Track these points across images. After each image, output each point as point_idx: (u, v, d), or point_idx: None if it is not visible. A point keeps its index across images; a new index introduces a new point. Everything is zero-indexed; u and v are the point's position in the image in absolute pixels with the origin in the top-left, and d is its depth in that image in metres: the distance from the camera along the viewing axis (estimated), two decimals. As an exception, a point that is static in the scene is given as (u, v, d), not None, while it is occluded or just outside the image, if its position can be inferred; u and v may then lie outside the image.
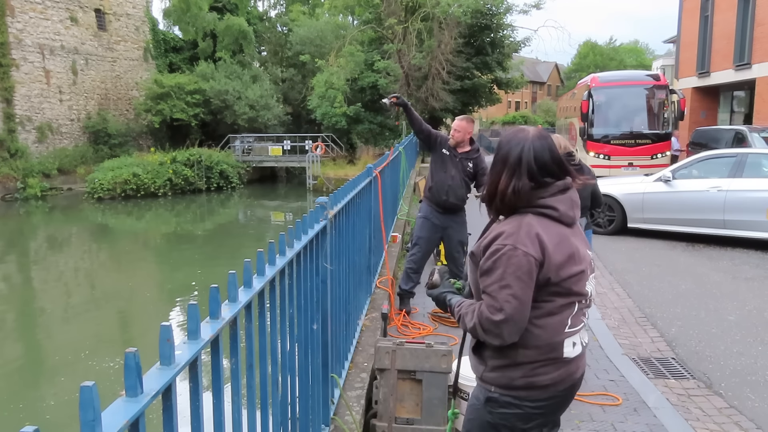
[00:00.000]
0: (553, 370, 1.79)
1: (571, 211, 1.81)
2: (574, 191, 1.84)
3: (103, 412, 0.94)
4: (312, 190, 25.04)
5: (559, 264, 1.74)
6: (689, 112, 19.36)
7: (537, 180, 1.78)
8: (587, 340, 1.91)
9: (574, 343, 1.82)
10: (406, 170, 11.95)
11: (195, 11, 30.05)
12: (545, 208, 1.77)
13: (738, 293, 6.47)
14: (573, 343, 1.81)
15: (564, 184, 1.83)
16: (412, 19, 23.24)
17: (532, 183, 1.78)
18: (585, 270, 1.81)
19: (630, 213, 9.60)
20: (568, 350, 1.80)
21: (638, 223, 9.56)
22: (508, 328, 1.73)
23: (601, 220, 9.66)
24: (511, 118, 57.21)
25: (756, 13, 17.30)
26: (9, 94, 23.87)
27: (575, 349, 1.82)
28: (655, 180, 9.43)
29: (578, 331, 1.82)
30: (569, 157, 4.47)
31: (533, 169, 1.78)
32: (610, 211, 9.73)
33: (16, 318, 10.33)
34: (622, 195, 9.65)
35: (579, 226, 1.88)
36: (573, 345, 1.82)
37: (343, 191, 3.40)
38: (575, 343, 1.82)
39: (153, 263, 15.06)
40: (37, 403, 6.60)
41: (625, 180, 10.29)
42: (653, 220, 9.41)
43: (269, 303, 1.97)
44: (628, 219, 9.64)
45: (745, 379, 4.36)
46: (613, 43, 67.22)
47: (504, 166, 1.83)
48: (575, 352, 1.82)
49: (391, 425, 3.21)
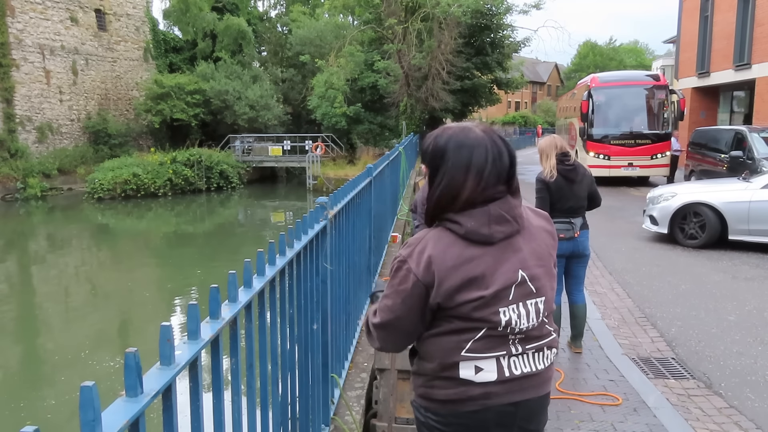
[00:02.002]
0: (448, 386, 1.62)
1: (485, 228, 1.55)
2: (503, 202, 1.58)
3: (103, 412, 0.94)
4: (312, 190, 25.05)
5: (451, 288, 1.55)
6: (689, 112, 19.37)
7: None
8: (531, 368, 1.64)
9: (477, 368, 1.59)
10: (406, 170, 11.95)
11: (195, 12, 30.06)
12: (451, 223, 1.58)
13: (738, 293, 6.47)
14: (476, 367, 1.59)
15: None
16: (412, 19, 23.24)
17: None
18: (496, 295, 1.56)
19: (732, 224, 8.55)
20: (465, 373, 1.59)
21: (742, 236, 8.53)
22: (380, 335, 1.69)
23: (693, 231, 8.84)
24: (511, 118, 57.26)
25: (756, 13, 17.30)
26: (9, 94, 23.88)
27: (481, 374, 1.59)
28: (763, 187, 8.44)
29: (488, 358, 1.59)
30: (564, 157, 4.46)
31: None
32: (697, 218, 8.80)
33: (17, 318, 10.33)
34: (723, 204, 8.60)
35: (511, 243, 1.60)
36: (476, 369, 1.59)
37: (343, 191, 3.40)
38: (481, 368, 1.59)
39: (153, 263, 15.06)
40: (37, 403, 6.60)
41: (722, 187, 9.19)
42: (762, 232, 8.39)
43: (269, 303, 1.97)
44: (729, 230, 8.59)
45: (745, 379, 4.36)
46: (613, 43, 67.28)
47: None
48: (482, 378, 1.59)
49: (391, 425, 3.21)
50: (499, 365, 1.60)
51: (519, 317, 1.59)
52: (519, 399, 1.63)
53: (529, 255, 1.62)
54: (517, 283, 1.58)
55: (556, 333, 1.71)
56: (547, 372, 1.70)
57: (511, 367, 1.61)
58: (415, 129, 24.58)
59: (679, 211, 8.97)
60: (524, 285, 1.60)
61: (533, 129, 52.44)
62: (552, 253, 1.70)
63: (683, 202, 8.97)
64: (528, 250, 1.62)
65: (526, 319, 1.60)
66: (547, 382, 1.71)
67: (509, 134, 51.52)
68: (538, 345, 1.65)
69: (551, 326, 1.69)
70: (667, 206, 9.14)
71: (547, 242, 1.69)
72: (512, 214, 1.59)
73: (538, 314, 1.62)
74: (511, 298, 1.58)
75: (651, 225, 9.42)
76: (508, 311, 1.58)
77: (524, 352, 1.64)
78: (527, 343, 1.63)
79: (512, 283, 1.58)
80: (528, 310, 1.60)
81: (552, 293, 1.68)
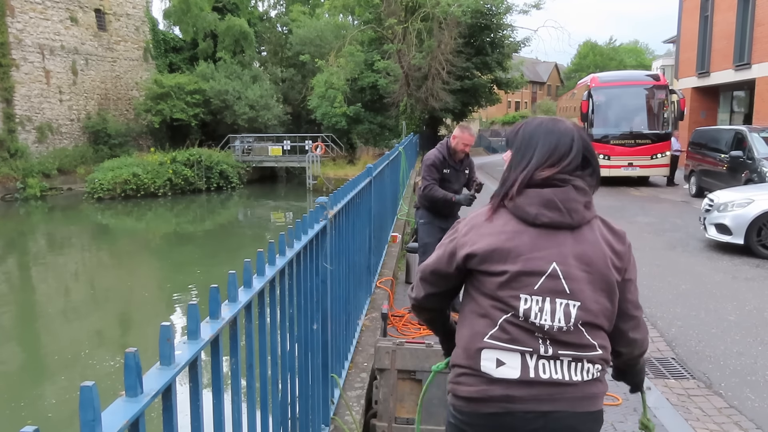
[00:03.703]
0: (471, 382, 1.58)
1: (533, 207, 1.54)
2: (562, 191, 1.55)
3: (103, 412, 0.94)
4: (312, 190, 25.05)
5: (480, 251, 1.56)
6: (689, 112, 19.37)
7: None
8: (563, 376, 1.53)
9: (499, 361, 1.54)
10: (406, 170, 11.95)
11: (196, 12, 30.07)
12: (508, 199, 1.62)
13: (738, 293, 6.47)
14: (498, 360, 1.54)
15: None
16: (412, 19, 23.25)
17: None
18: (520, 277, 1.53)
19: None
20: (487, 365, 1.55)
21: None
22: (416, 286, 1.79)
23: None
24: (510, 118, 57.22)
25: (756, 13, 17.31)
26: (9, 94, 23.89)
27: (501, 369, 1.53)
28: None
29: (512, 351, 1.53)
30: None
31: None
32: None
33: (17, 317, 10.33)
34: None
35: (557, 233, 1.55)
36: (497, 362, 1.54)
37: (343, 191, 3.40)
38: (503, 362, 1.54)
39: (153, 263, 15.06)
40: (38, 402, 6.60)
41: None
42: None
43: (269, 303, 1.97)
44: None
45: (745, 379, 4.36)
46: (613, 43, 67.27)
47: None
48: (503, 373, 1.53)
49: (391, 425, 3.21)
50: (524, 362, 1.53)
51: (541, 311, 1.52)
52: (548, 409, 1.52)
53: (572, 253, 1.54)
54: (547, 275, 1.53)
55: (604, 351, 1.59)
56: (590, 387, 1.56)
57: (538, 369, 1.53)
58: (415, 129, 24.60)
59: (758, 219, 7.96)
60: (556, 280, 1.53)
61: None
62: (610, 267, 1.56)
63: (763, 210, 7.94)
64: (574, 248, 1.55)
65: (550, 317, 1.52)
66: (591, 399, 1.56)
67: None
68: (576, 355, 1.54)
69: (597, 341, 1.57)
70: (743, 214, 8.08)
71: (604, 253, 1.56)
72: (567, 205, 1.54)
73: (568, 318, 1.52)
74: (537, 288, 1.52)
75: (720, 235, 8.33)
76: (530, 300, 1.52)
77: (557, 357, 1.54)
78: (560, 348, 1.53)
79: (541, 272, 1.53)
80: (554, 308, 1.52)
81: (596, 307, 1.55)
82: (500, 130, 53.10)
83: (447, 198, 5.17)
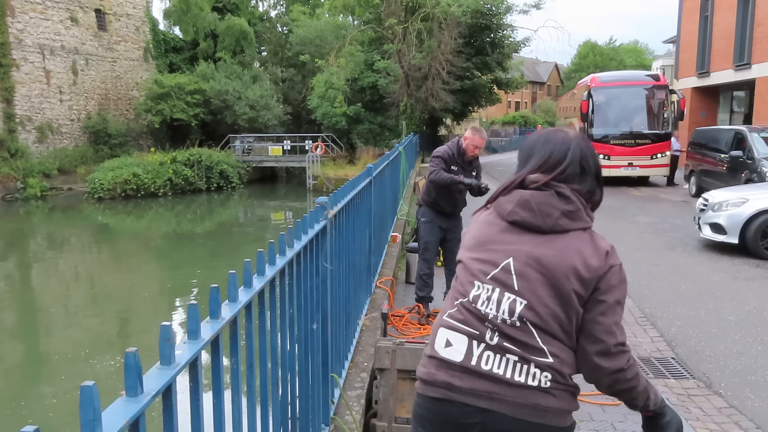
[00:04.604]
0: (426, 363, 1.62)
1: (509, 204, 1.61)
2: (542, 194, 1.58)
3: (104, 412, 0.94)
4: (312, 190, 25.05)
5: (465, 237, 1.74)
6: (689, 112, 19.37)
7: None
8: (507, 373, 1.50)
9: (448, 341, 1.56)
10: (406, 170, 11.95)
11: (196, 11, 30.08)
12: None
13: (738, 293, 6.47)
14: (447, 339, 1.57)
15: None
16: (412, 19, 23.24)
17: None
18: (478, 262, 1.60)
19: None
20: (438, 343, 1.59)
21: None
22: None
23: None
24: (511, 118, 57.25)
25: (756, 13, 17.31)
26: (9, 94, 23.89)
27: (448, 350, 1.55)
28: None
29: (462, 332, 1.55)
30: None
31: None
32: None
33: (17, 317, 10.34)
34: None
35: (523, 233, 1.58)
36: (446, 342, 1.57)
37: (343, 191, 3.40)
38: (450, 342, 1.56)
39: (153, 263, 15.07)
40: (38, 402, 6.61)
41: None
42: None
43: (269, 303, 1.97)
44: None
45: (744, 379, 4.36)
46: (613, 43, 67.29)
47: None
48: (447, 353, 1.55)
49: (391, 425, 3.21)
50: (469, 347, 1.54)
51: (488, 300, 1.55)
52: (486, 407, 1.49)
53: (532, 253, 1.54)
54: (501, 267, 1.57)
55: (557, 361, 1.52)
56: (535, 396, 1.50)
57: (481, 359, 1.52)
58: (415, 129, 24.59)
59: (755, 220, 7.98)
60: (507, 274, 1.55)
61: (533, 129, 52.45)
62: (571, 278, 1.51)
63: (757, 209, 7.97)
64: (536, 249, 1.54)
65: (495, 307, 1.54)
66: (535, 410, 1.49)
67: (509, 134, 51.54)
68: (524, 355, 1.51)
69: (549, 347, 1.52)
70: (738, 213, 8.12)
71: (570, 264, 1.52)
72: (542, 208, 1.56)
73: (512, 313, 1.52)
74: (489, 278, 1.58)
75: (714, 234, 8.37)
76: (482, 287, 1.58)
77: (503, 350, 1.52)
78: (507, 341, 1.52)
79: (496, 263, 1.58)
80: (500, 299, 1.54)
81: (544, 310, 1.51)
82: (500, 130, 53.11)
83: (454, 180, 5.06)
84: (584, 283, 1.53)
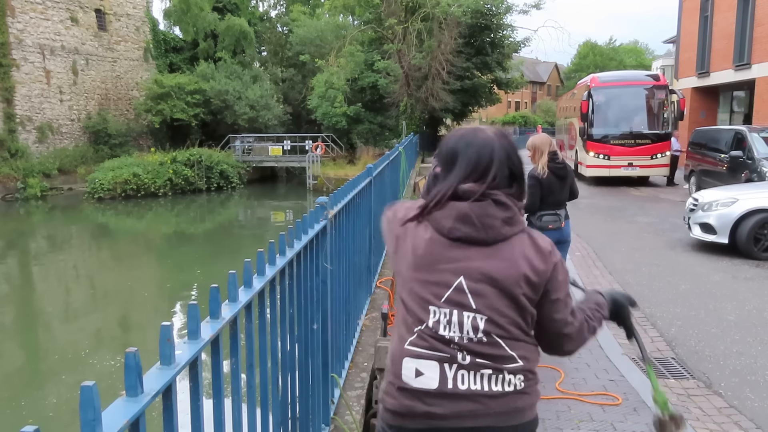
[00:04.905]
0: (396, 395, 1.55)
1: (448, 221, 1.53)
2: (480, 206, 1.52)
3: (104, 412, 0.94)
4: (312, 190, 25.05)
5: (400, 251, 1.61)
6: (689, 112, 19.37)
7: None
8: (484, 387, 1.50)
9: (417, 371, 1.52)
10: (406, 170, 11.95)
11: (196, 11, 30.08)
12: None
13: (738, 293, 6.47)
14: (416, 369, 1.52)
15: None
16: (412, 19, 23.25)
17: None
18: (428, 285, 1.53)
19: None
20: (407, 374, 1.53)
21: None
22: None
23: None
24: (511, 118, 57.23)
25: (756, 13, 17.30)
26: (9, 94, 23.89)
27: (420, 379, 1.51)
28: None
29: (430, 359, 1.51)
30: (554, 156, 4.68)
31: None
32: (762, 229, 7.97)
33: (17, 317, 10.34)
34: None
35: (468, 248, 1.53)
36: (416, 372, 1.52)
37: (343, 191, 3.40)
38: (421, 371, 1.51)
39: (153, 263, 15.07)
40: (39, 402, 6.61)
41: None
42: None
43: (269, 303, 1.97)
44: None
45: (744, 379, 4.36)
46: (613, 43, 67.25)
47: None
48: (420, 383, 1.51)
49: (391, 425, 3.21)
50: (442, 372, 1.50)
51: (449, 324, 1.51)
52: (472, 425, 1.49)
53: (480, 268, 1.52)
54: (453, 287, 1.52)
55: (526, 362, 1.55)
56: (514, 400, 1.52)
57: (457, 380, 1.49)
58: (415, 129, 24.59)
59: (741, 219, 8.01)
60: (462, 294, 1.51)
61: (533, 129, 52.44)
62: (521, 285, 1.52)
63: (747, 209, 8.00)
64: (483, 263, 1.52)
65: (458, 329, 1.50)
66: (516, 412, 1.53)
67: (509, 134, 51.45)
68: (496, 367, 1.51)
69: (517, 352, 1.53)
70: (727, 213, 8.14)
71: (518, 272, 1.52)
72: (483, 221, 1.51)
73: (476, 330, 1.50)
74: (443, 300, 1.52)
75: (704, 234, 8.40)
76: (438, 312, 1.52)
77: (476, 367, 1.50)
78: (478, 358, 1.50)
79: (448, 285, 1.52)
80: (462, 320, 1.50)
81: (505, 320, 1.51)
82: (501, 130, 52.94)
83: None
84: (534, 287, 1.55)
